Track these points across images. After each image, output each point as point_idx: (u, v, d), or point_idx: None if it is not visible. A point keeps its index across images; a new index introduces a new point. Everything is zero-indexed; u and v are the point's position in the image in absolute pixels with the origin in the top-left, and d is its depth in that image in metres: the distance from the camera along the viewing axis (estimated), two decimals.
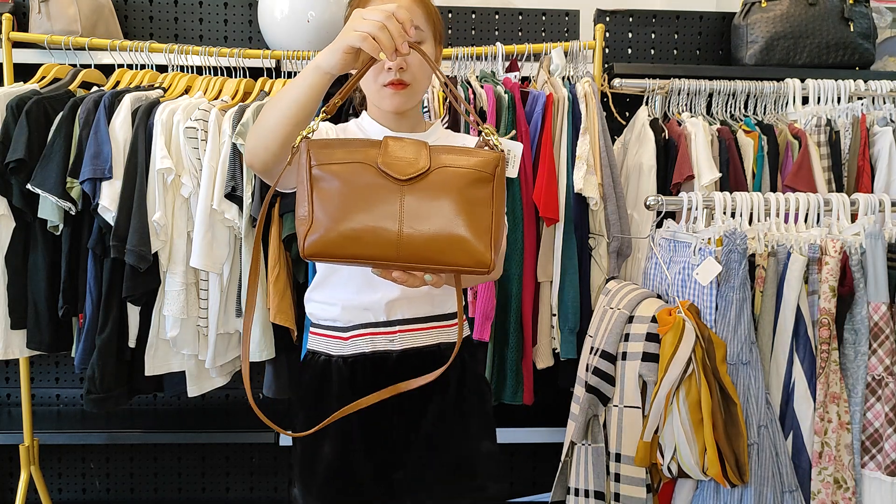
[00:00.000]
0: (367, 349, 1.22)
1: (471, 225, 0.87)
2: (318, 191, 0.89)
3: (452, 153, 0.90)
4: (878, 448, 1.52)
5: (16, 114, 1.87)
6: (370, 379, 1.21)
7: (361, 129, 1.27)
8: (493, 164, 0.90)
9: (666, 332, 1.48)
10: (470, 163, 0.89)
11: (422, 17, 1.19)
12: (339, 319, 1.23)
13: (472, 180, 0.89)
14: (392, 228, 0.87)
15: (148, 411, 2.40)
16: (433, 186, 0.88)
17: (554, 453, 1.77)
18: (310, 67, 0.98)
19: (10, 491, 2.44)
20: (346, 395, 1.21)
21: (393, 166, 0.88)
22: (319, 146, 0.90)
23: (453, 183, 0.88)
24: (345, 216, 0.87)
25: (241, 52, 2.10)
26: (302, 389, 1.28)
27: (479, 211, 0.88)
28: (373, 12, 0.92)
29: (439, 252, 0.87)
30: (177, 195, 1.89)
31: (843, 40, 2.30)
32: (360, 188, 0.88)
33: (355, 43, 0.92)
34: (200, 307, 1.93)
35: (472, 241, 0.87)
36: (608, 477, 1.55)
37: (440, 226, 0.87)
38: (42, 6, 2.12)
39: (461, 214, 0.87)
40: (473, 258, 0.88)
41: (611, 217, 1.96)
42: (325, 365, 1.24)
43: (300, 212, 0.89)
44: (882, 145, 2.07)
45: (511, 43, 2.24)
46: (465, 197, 0.88)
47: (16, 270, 1.93)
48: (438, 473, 1.22)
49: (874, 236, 1.54)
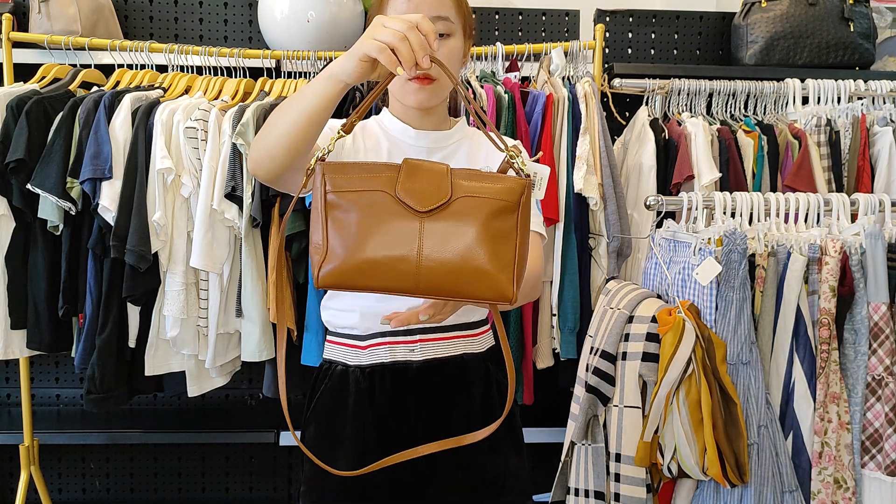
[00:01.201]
0: (387, 359, 1.16)
1: (493, 257, 0.82)
2: (334, 219, 0.84)
3: (476, 179, 0.84)
4: (878, 448, 1.52)
5: (16, 114, 1.87)
6: (389, 391, 1.16)
7: (382, 127, 1.22)
8: (519, 193, 0.84)
9: (666, 332, 1.48)
10: (494, 191, 0.83)
11: (452, 8, 1.13)
12: (358, 327, 1.17)
13: (496, 210, 0.83)
14: (411, 260, 0.82)
15: (148, 411, 2.40)
16: (454, 217, 0.83)
17: (554, 453, 1.77)
18: (323, 75, 0.93)
19: (10, 491, 2.44)
20: (364, 409, 1.16)
21: (412, 196, 0.83)
22: (335, 170, 0.85)
23: (476, 213, 0.83)
24: (361, 246, 0.83)
25: (241, 52, 2.10)
26: (316, 400, 1.21)
27: (503, 242, 0.83)
28: (395, 21, 0.86)
29: (460, 284, 0.82)
30: (177, 195, 1.89)
31: (843, 40, 2.30)
32: (378, 218, 0.83)
33: (372, 53, 0.86)
34: (200, 307, 1.93)
35: (495, 275, 0.82)
36: (608, 477, 1.55)
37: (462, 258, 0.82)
38: (42, 6, 2.12)
39: (483, 246, 0.82)
40: (495, 291, 0.83)
41: (611, 217, 1.96)
42: (342, 375, 1.18)
43: (314, 238, 0.85)
44: (882, 145, 2.07)
45: (511, 43, 2.24)
46: (488, 228, 0.83)
47: (16, 270, 1.93)
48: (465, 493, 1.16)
49: (874, 236, 1.54)
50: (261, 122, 1.88)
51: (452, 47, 1.12)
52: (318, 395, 1.22)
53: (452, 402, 1.16)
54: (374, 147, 1.18)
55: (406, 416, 1.15)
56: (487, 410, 1.18)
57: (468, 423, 1.16)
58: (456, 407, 1.16)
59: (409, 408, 1.15)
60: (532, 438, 2.24)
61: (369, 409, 1.16)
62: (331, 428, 1.17)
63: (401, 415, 1.16)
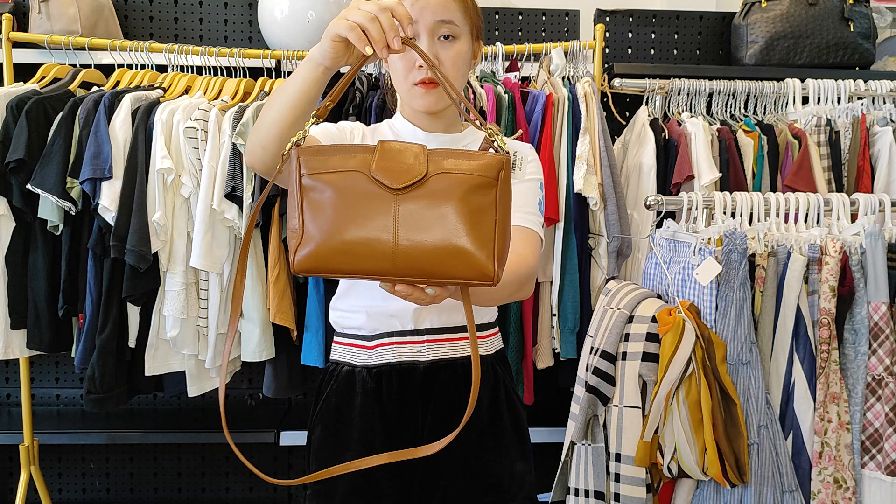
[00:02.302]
0: (394, 359, 1.15)
1: (472, 234, 0.80)
2: (309, 201, 0.82)
3: (453, 157, 0.82)
4: (878, 448, 1.52)
5: (16, 114, 1.87)
6: (396, 392, 1.15)
7: (393, 131, 1.21)
8: (497, 168, 0.82)
9: (666, 332, 1.48)
10: (471, 167, 0.81)
11: (457, 10, 1.11)
12: (364, 327, 1.17)
13: (474, 186, 0.81)
14: (387, 240, 0.79)
15: (148, 411, 2.40)
16: (431, 194, 0.80)
17: (554, 453, 1.77)
18: (303, 62, 0.94)
19: (10, 491, 2.44)
20: (372, 410, 1.15)
21: (386, 174, 0.81)
22: (311, 153, 0.83)
23: (453, 189, 0.81)
24: (336, 228, 0.80)
25: (241, 52, 2.10)
26: (322, 402, 1.21)
27: (482, 219, 0.80)
28: (368, 4, 0.86)
29: (438, 264, 0.79)
30: (177, 195, 1.89)
31: (843, 40, 2.30)
32: (353, 198, 0.81)
33: (342, 32, 0.85)
34: (200, 307, 1.93)
35: (474, 252, 0.80)
36: (608, 477, 1.55)
37: (439, 236, 0.79)
38: (42, 6, 2.12)
39: (462, 223, 0.80)
40: (475, 270, 0.80)
41: (611, 217, 1.96)
42: (349, 376, 1.18)
43: (291, 224, 0.83)
44: (882, 145, 2.07)
45: (511, 43, 2.24)
46: (466, 204, 0.80)
47: (16, 270, 1.93)
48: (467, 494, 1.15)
49: (874, 236, 1.54)
50: None
51: (458, 50, 1.11)
52: (324, 396, 1.21)
53: (459, 403, 1.14)
54: None
55: (413, 417, 1.15)
56: (495, 413, 1.18)
57: (476, 425, 1.15)
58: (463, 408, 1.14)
59: (415, 408, 1.15)
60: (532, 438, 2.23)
61: (376, 409, 1.15)
62: (338, 430, 1.16)
63: (408, 416, 1.15)
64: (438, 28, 1.07)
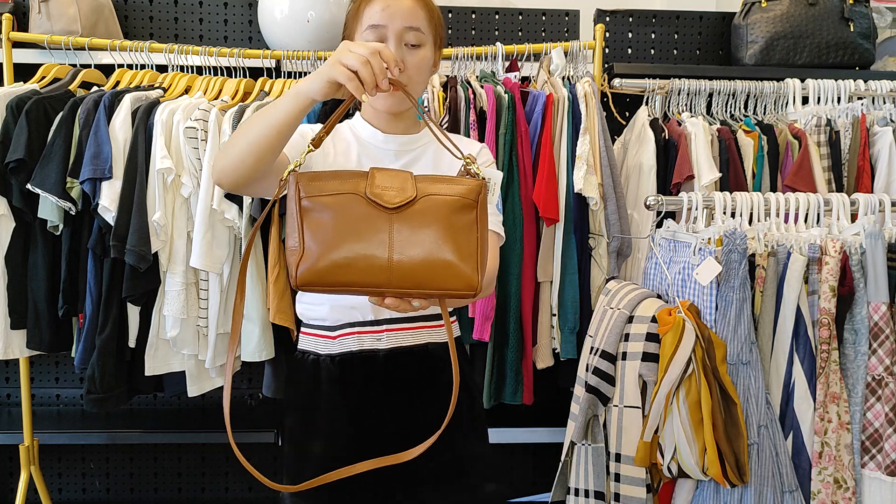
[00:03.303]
0: (355, 348, 1.22)
1: (458, 250, 0.91)
2: (309, 221, 0.90)
3: (437, 182, 0.94)
4: (878, 448, 1.52)
5: (16, 114, 1.87)
6: (359, 377, 1.22)
7: (353, 131, 1.27)
8: (477, 192, 0.94)
9: (666, 332, 1.48)
10: (454, 190, 0.93)
11: (423, 19, 1.18)
12: (328, 318, 1.23)
13: (458, 207, 0.92)
14: (383, 255, 0.89)
15: (148, 411, 2.40)
16: (420, 214, 0.91)
17: (554, 453, 1.77)
18: (291, 93, 1.00)
19: (10, 491, 2.44)
20: (336, 395, 1.22)
21: (381, 195, 0.91)
22: (308, 178, 0.92)
23: (439, 210, 0.91)
24: (336, 245, 0.89)
25: (241, 52, 2.10)
26: (292, 389, 1.29)
27: (465, 236, 0.92)
28: (360, 46, 0.95)
29: (429, 277, 0.90)
30: (177, 195, 1.89)
31: (843, 40, 2.30)
32: (351, 218, 0.90)
33: (340, 79, 0.94)
34: (200, 307, 1.93)
35: (460, 266, 0.90)
36: (608, 477, 1.55)
37: (429, 251, 0.90)
38: (42, 6, 2.12)
39: (448, 240, 0.90)
40: (462, 281, 0.91)
41: (611, 217, 1.96)
42: (315, 364, 1.24)
43: (290, 243, 0.91)
44: (882, 145, 2.07)
45: (511, 43, 2.24)
46: (451, 223, 0.91)
47: (16, 270, 1.92)
48: (432, 474, 1.22)
49: (874, 236, 1.54)
50: None
51: (422, 57, 1.18)
52: (292, 386, 1.29)
53: (418, 387, 1.22)
54: (343, 151, 1.23)
55: (376, 401, 1.21)
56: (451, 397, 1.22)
57: (434, 408, 1.20)
58: (421, 392, 1.23)
59: (378, 393, 1.22)
60: (532, 438, 2.25)
61: (340, 395, 1.22)
62: (306, 416, 1.23)
63: (370, 400, 1.22)
64: (406, 34, 1.15)
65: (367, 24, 1.16)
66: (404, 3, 1.16)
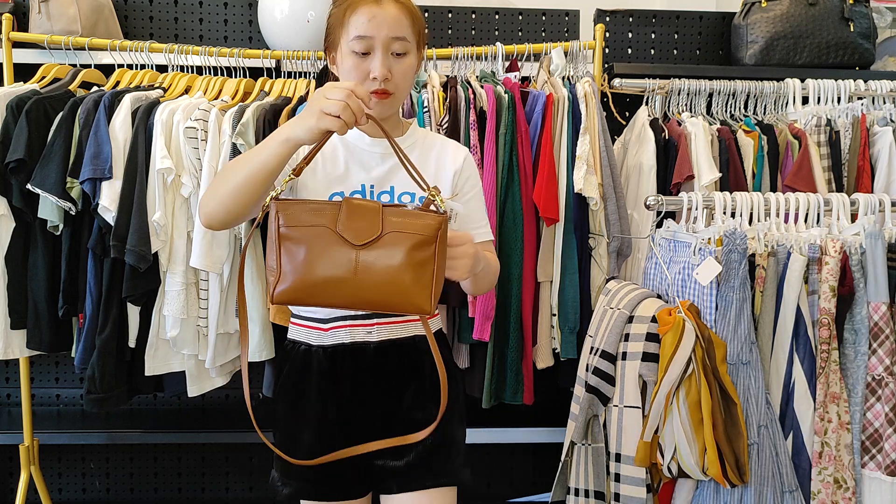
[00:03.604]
0: (347, 340, 1.26)
1: (414, 280, 1.04)
2: (286, 248, 1.04)
3: (402, 216, 1.06)
4: (878, 448, 1.52)
5: (16, 114, 1.87)
6: (350, 368, 1.26)
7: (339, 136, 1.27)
8: (437, 228, 1.05)
9: (666, 332, 1.48)
10: (416, 226, 1.05)
11: (408, 27, 1.21)
12: (321, 311, 1.27)
13: (418, 243, 1.05)
14: (348, 282, 1.04)
15: (148, 411, 2.40)
16: (384, 246, 1.04)
17: (554, 453, 1.77)
18: (278, 140, 1.07)
19: (10, 491, 2.44)
20: (327, 385, 1.26)
21: (350, 232, 1.04)
22: (286, 206, 1.05)
23: (401, 244, 1.04)
24: (309, 270, 1.03)
25: (241, 52, 2.10)
26: (283, 378, 1.31)
27: (423, 269, 1.05)
28: (335, 91, 1.03)
29: (386, 301, 1.05)
30: (177, 195, 1.89)
31: (843, 40, 2.30)
32: (322, 248, 1.04)
33: (332, 128, 1.03)
34: (200, 307, 1.93)
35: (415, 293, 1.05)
36: (608, 477, 1.55)
37: (388, 280, 1.04)
38: (42, 6, 2.12)
39: (407, 271, 1.04)
40: (415, 307, 1.06)
41: (611, 217, 1.96)
42: (306, 355, 1.28)
43: (269, 262, 1.05)
44: (882, 145, 2.07)
45: (511, 43, 2.24)
46: (411, 257, 1.04)
47: (16, 270, 1.92)
48: (417, 458, 1.27)
49: (874, 236, 1.54)
50: (261, 122, 1.88)
51: (408, 65, 1.23)
52: (282, 375, 1.32)
53: (406, 378, 1.28)
54: (331, 156, 1.27)
55: (365, 391, 1.25)
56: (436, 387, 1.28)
57: (421, 398, 1.28)
58: (409, 384, 1.28)
59: (367, 383, 1.26)
60: (532, 438, 2.25)
61: (331, 385, 1.26)
62: (297, 405, 1.27)
63: (360, 390, 1.26)
64: (392, 44, 1.19)
65: (353, 34, 1.18)
66: (390, 13, 1.19)
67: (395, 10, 1.20)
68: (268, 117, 1.90)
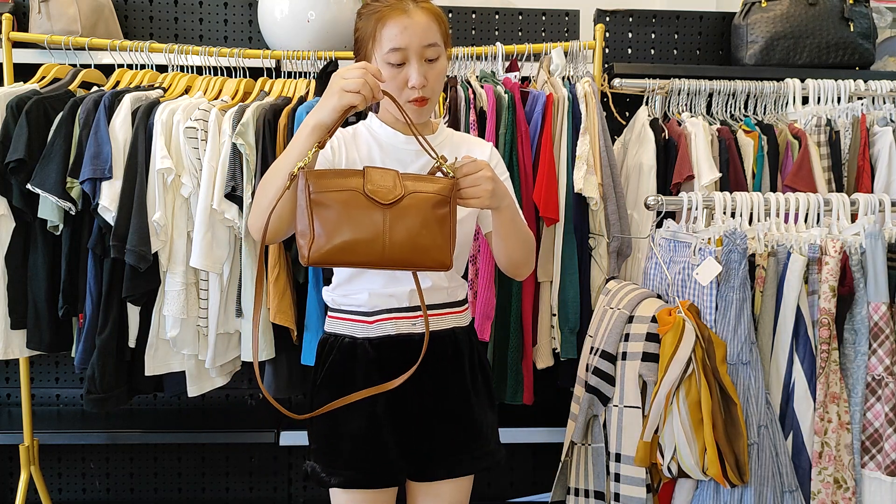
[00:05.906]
0: (393, 332, 1.32)
1: (434, 237, 1.15)
2: (318, 212, 1.10)
3: (418, 181, 1.16)
4: (878, 448, 1.52)
5: (16, 114, 1.87)
6: (397, 360, 1.29)
7: (372, 134, 1.34)
8: (449, 190, 1.16)
9: (666, 332, 1.48)
10: (432, 188, 1.15)
11: (437, 31, 1.26)
12: (365, 305, 1.32)
13: (435, 203, 1.15)
14: (378, 240, 1.12)
15: (148, 411, 2.40)
16: (407, 208, 1.13)
17: (554, 453, 1.78)
18: (306, 131, 1.13)
19: (10, 491, 2.44)
20: (373, 376, 1.30)
21: (377, 193, 1.13)
22: (315, 176, 1.12)
23: (422, 204, 1.14)
24: (340, 232, 1.11)
25: (241, 52, 2.10)
26: (325, 370, 1.34)
27: (441, 225, 1.15)
28: (351, 71, 1.11)
29: (413, 257, 1.14)
30: (177, 195, 1.89)
31: (843, 40, 2.30)
32: (352, 210, 1.11)
33: (354, 102, 1.10)
34: (200, 307, 1.93)
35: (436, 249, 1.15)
36: (608, 477, 1.55)
37: (414, 237, 1.13)
38: (42, 6, 2.12)
39: (428, 228, 1.14)
40: (437, 261, 1.16)
41: (611, 217, 1.96)
42: (351, 347, 1.32)
43: (300, 227, 1.11)
44: (882, 145, 2.07)
45: (511, 43, 2.24)
46: (431, 215, 1.14)
47: (16, 270, 1.93)
48: (461, 442, 1.35)
49: (874, 236, 1.54)
50: (261, 122, 1.88)
51: (441, 68, 1.29)
52: (326, 365, 1.35)
53: (450, 368, 1.35)
54: (367, 156, 1.32)
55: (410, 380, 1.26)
56: (473, 374, 1.39)
57: (464, 385, 1.35)
58: (452, 373, 1.35)
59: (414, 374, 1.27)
60: (532, 438, 2.25)
61: (378, 376, 1.29)
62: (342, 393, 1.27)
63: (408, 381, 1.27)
64: (425, 52, 1.24)
65: (387, 47, 1.21)
66: (420, 22, 1.23)
67: (424, 19, 1.24)
68: (268, 117, 1.90)
